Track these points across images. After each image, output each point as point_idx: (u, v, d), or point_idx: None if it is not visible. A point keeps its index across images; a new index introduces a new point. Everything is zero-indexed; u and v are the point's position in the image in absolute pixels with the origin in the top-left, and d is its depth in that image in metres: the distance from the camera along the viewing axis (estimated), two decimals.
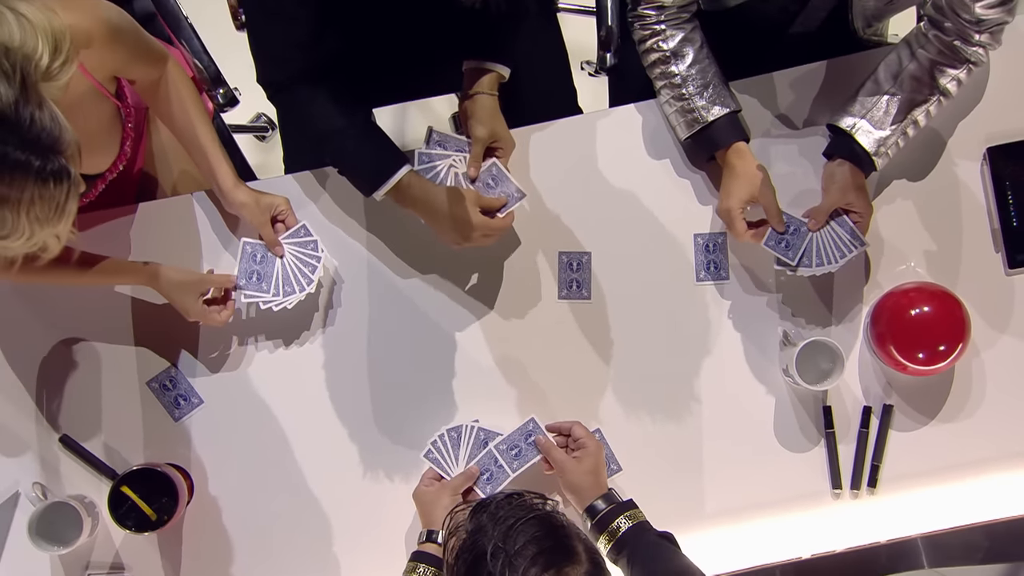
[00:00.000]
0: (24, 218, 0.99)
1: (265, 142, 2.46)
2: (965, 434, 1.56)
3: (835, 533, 1.55)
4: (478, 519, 1.08)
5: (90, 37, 1.21)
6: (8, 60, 0.98)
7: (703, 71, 1.50)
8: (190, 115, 1.46)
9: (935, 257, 1.58)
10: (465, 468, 1.46)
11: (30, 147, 0.97)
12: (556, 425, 1.49)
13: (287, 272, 1.49)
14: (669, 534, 1.38)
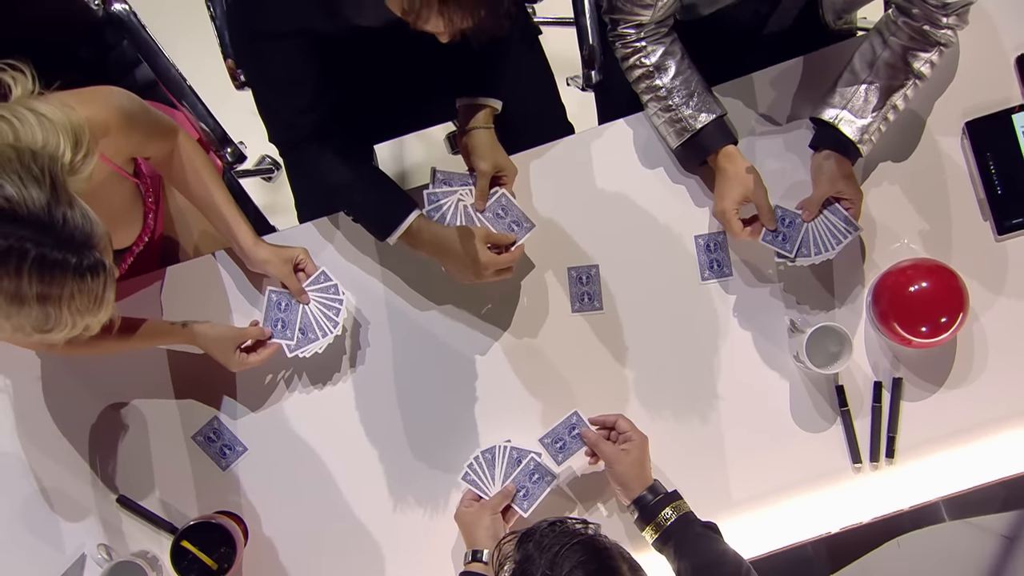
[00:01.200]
0: (66, 312, 1.05)
1: (272, 182, 2.52)
2: (973, 397, 1.62)
3: (860, 505, 1.62)
4: (525, 548, 1.12)
5: (107, 127, 1.28)
6: (36, 164, 1.04)
7: (687, 81, 1.57)
8: (205, 182, 1.53)
9: (927, 232, 1.65)
10: (502, 487, 1.52)
11: (65, 246, 1.03)
12: (600, 419, 1.55)
13: (313, 318, 1.56)
14: (712, 524, 1.46)
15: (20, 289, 1.01)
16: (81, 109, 1.20)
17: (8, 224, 1.00)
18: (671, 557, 1.42)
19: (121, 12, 1.66)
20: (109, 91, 1.34)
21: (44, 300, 1.03)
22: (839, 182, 1.56)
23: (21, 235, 1.00)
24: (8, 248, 0.99)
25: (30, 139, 1.08)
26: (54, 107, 1.13)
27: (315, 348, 1.55)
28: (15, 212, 1.00)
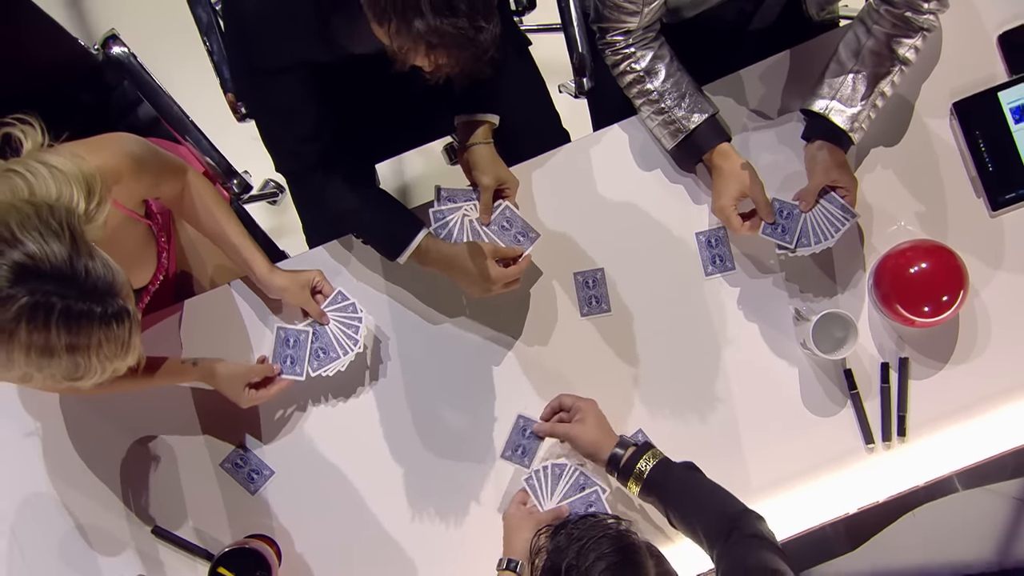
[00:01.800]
0: (95, 359, 1.09)
1: (277, 205, 2.56)
2: (979, 372, 1.66)
3: (875, 485, 1.66)
4: (557, 540, 1.16)
5: (118, 174, 1.31)
6: (54, 218, 1.07)
7: (677, 83, 1.60)
8: (216, 217, 1.57)
9: (922, 213, 1.68)
10: (557, 505, 1.54)
11: (90, 296, 1.06)
12: (546, 411, 1.60)
13: (333, 337, 1.60)
14: (691, 463, 1.50)
15: (49, 342, 1.04)
16: (92, 158, 1.23)
17: (33, 280, 1.03)
18: (658, 506, 1.46)
19: (120, 55, 1.69)
20: (118, 138, 1.37)
21: (73, 350, 1.06)
22: (833, 171, 1.59)
23: (46, 290, 1.03)
24: (35, 303, 1.03)
25: (45, 192, 1.11)
26: (65, 158, 1.16)
27: (337, 366, 1.58)
28: (39, 268, 1.04)
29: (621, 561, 1.10)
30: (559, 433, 1.55)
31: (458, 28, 1.18)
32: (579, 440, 1.53)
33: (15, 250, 1.03)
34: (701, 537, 1.37)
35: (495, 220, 1.61)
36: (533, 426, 1.59)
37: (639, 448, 1.49)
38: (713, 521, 1.35)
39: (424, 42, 1.19)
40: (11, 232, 1.04)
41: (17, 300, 1.02)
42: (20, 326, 1.03)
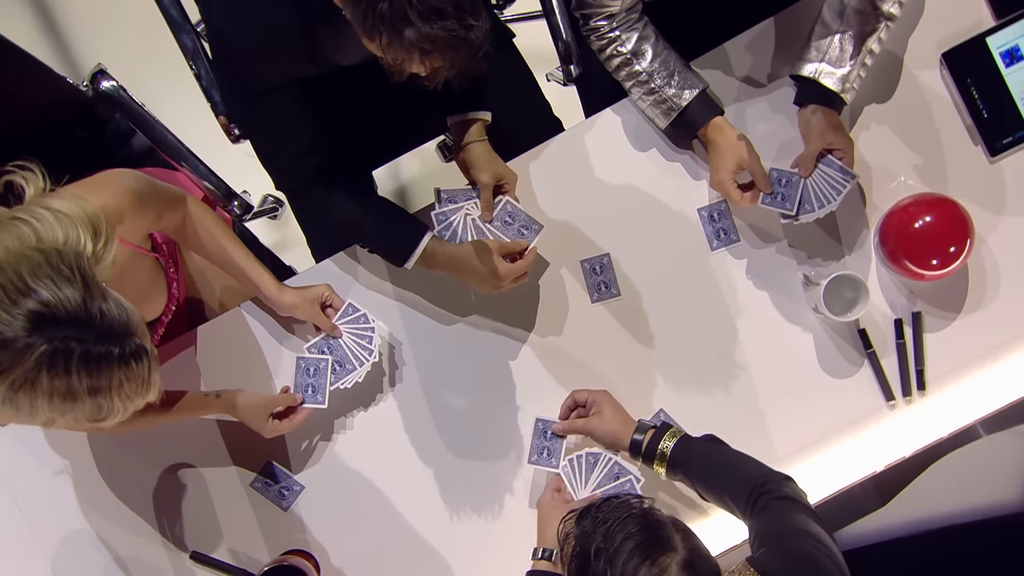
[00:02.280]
0: (116, 400, 1.09)
1: (278, 219, 2.56)
2: (993, 319, 1.67)
3: (900, 440, 1.67)
4: (583, 525, 1.17)
5: (121, 212, 1.31)
6: (64, 263, 1.08)
7: (665, 62, 1.60)
8: (220, 242, 1.58)
9: (921, 166, 1.68)
10: (591, 494, 1.55)
11: (107, 338, 1.07)
12: (562, 411, 1.60)
13: (348, 350, 1.61)
14: (711, 436, 1.51)
15: (71, 386, 1.05)
16: (94, 199, 1.23)
17: (50, 327, 1.04)
18: (686, 482, 1.48)
19: (110, 89, 1.69)
20: (117, 175, 1.38)
21: (95, 393, 1.07)
22: (828, 134, 1.59)
23: (64, 335, 1.04)
24: (55, 350, 1.04)
25: (52, 238, 1.11)
26: (68, 202, 1.16)
27: (355, 378, 1.60)
28: (54, 315, 1.04)
29: (648, 539, 1.11)
30: (577, 429, 1.56)
31: (448, 30, 1.18)
32: (598, 432, 1.54)
33: (29, 299, 1.04)
34: (732, 506, 1.39)
35: (497, 216, 1.62)
36: (552, 427, 1.60)
37: (658, 430, 1.50)
38: (740, 489, 1.37)
39: (418, 50, 1.20)
40: (24, 281, 1.04)
41: (36, 348, 1.03)
42: (42, 374, 1.04)
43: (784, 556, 1.21)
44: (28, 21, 2.61)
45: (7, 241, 1.09)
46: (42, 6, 2.62)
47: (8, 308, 1.03)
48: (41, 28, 2.61)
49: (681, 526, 1.16)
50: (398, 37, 1.19)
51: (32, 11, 2.62)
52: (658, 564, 1.08)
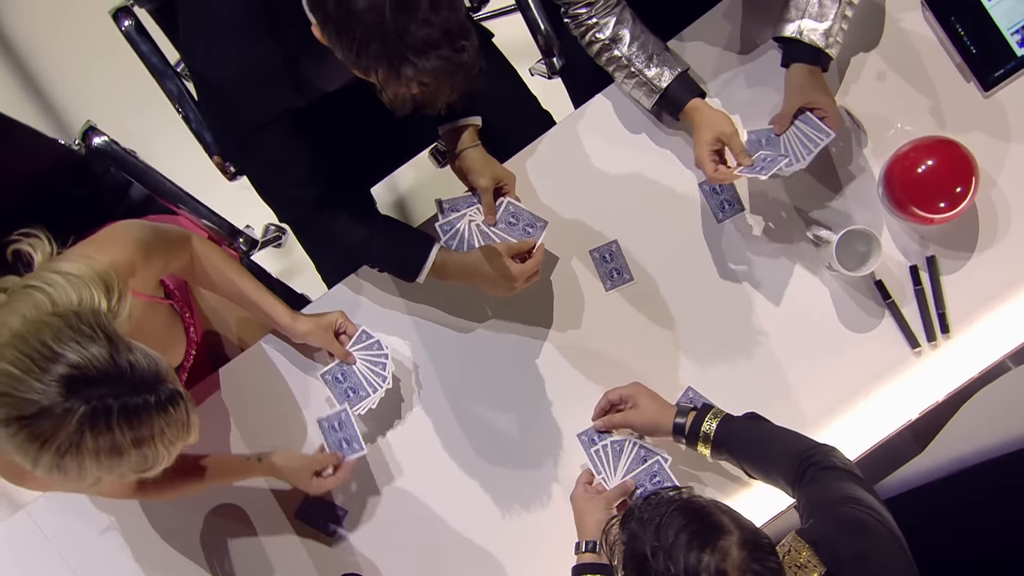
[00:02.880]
0: (160, 447, 1.11)
1: (283, 246, 2.57)
2: (1008, 253, 1.67)
3: (930, 386, 1.67)
4: (629, 528, 1.16)
5: (131, 264, 1.32)
6: (84, 323, 1.09)
7: (643, 45, 1.60)
8: (229, 277, 1.58)
9: (917, 111, 1.68)
10: (622, 481, 1.56)
11: (141, 389, 1.09)
12: (596, 413, 1.60)
13: (362, 376, 1.62)
14: (752, 413, 1.52)
15: (115, 441, 1.07)
16: (102, 256, 1.25)
17: (84, 388, 1.05)
18: (732, 461, 1.49)
19: (102, 144, 1.70)
20: (120, 229, 1.39)
21: (139, 443, 1.09)
22: (808, 92, 1.58)
23: (100, 394, 1.05)
24: (93, 410, 1.05)
25: (66, 301, 1.12)
26: (77, 263, 1.18)
27: (368, 404, 1.60)
28: (86, 375, 1.06)
29: (701, 528, 1.10)
30: (617, 422, 1.57)
31: (443, 58, 1.18)
32: (638, 422, 1.54)
33: (58, 364, 1.05)
34: (779, 482, 1.39)
35: (501, 218, 1.62)
36: (592, 426, 1.60)
37: (699, 411, 1.50)
38: (785, 464, 1.37)
39: (416, 83, 1.20)
40: (49, 348, 1.05)
41: (76, 411, 1.04)
42: (85, 435, 1.05)
43: (833, 524, 1.21)
44: (9, 86, 2.61)
45: (24, 310, 1.10)
46: (21, 69, 2.63)
47: (39, 376, 1.04)
48: (23, 91, 2.61)
49: (723, 507, 1.16)
50: (396, 75, 1.19)
51: (11, 76, 2.62)
52: (719, 549, 1.08)
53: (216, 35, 1.38)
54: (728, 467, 1.57)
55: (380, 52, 1.18)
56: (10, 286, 1.14)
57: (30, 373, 1.04)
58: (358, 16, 1.16)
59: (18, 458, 1.08)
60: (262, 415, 1.67)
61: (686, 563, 1.07)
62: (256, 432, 1.67)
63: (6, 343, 1.06)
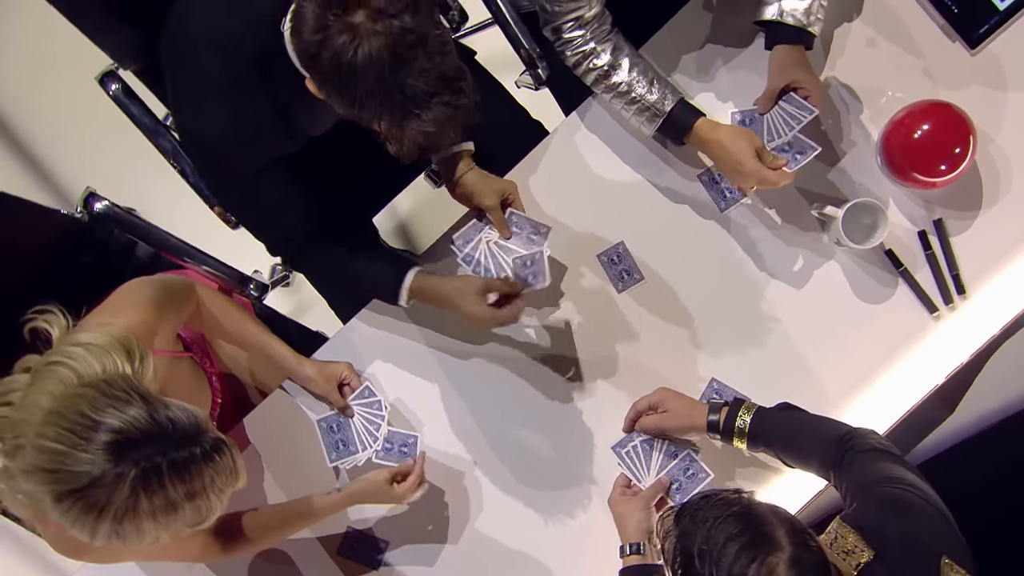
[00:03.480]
0: (213, 496, 1.12)
1: (291, 284, 2.58)
2: (1014, 208, 1.66)
3: (953, 348, 1.67)
4: (682, 523, 1.15)
5: (148, 324, 1.33)
6: (116, 388, 1.10)
7: (643, 70, 1.59)
8: (235, 321, 1.60)
9: (906, 76, 1.68)
10: (656, 478, 1.56)
11: (185, 442, 1.10)
12: (628, 424, 1.59)
13: (356, 432, 1.63)
14: (785, 404, 1.51)
15: (170, 498, 1.08)
16: (117, 321, 1.26)
17: (131, 451, 1.06)
18: (769, 453, 1.48)
19: (104, 209, 1.71)
20: (130, 290, 1.40)
21: (192, 496, 1.10)
22: (791, 70, 1.58)
23: (147, 454, 1.06)
24: (144, 471, 1.06)
25: (91, 372, 1.13)
26: (95, 332, 1.18)
27: (354, 461, 1.61)
28: (130, 438, 1.06)
29: (752, 539, 1.07)
30: (649, 427, 1.56)
31: (444, 103, 1.19)
32: (671, 426, 1.54)
33: (101, 432, 1.06)
34: (818, 470, 1.38)
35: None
36: (624, 437, 1.60)
37: (731, 406, 1.49)
38: (823, 451, 1.36)
39: (421, 133, 1.22)
40: (88, 418, 1.06)
41: (127, 475, 1.05)
42: (140, 497, 1.06)
43: (877, 506, 1.20)
44: (5, 162, 2.63)
45: (52, 388, 1.11)
46: (13, 144, 2.65)
47: (85, 448, 1.05)
48: (19, 165, 2.63)
49: (783, 515, 1.12)
50: (399, 127, 1.21)
51: (5, 151, 2.64)
52: (766, 565, 1.05)
53: (205, 93, 1.39)
54: (764, 457, 1.57)
55: (383, 108, 1.19)
56: (33, 365, 1.15)
57: (75, 446, 1.05)
58: (358, 75, 1.17)
59: (76, 531, 1.08)
60: (295, 457, 1.67)
61: (730, 572, 1.06)
62: (288, 475, 1.68)
63: (44, 422, 1.07)
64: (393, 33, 1.16)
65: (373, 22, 1.16)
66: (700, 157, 1.69)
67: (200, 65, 1.38)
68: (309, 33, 1.18)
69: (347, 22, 1.16)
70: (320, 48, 1.18)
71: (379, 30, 1.15)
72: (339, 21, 1.16)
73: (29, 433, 1.07)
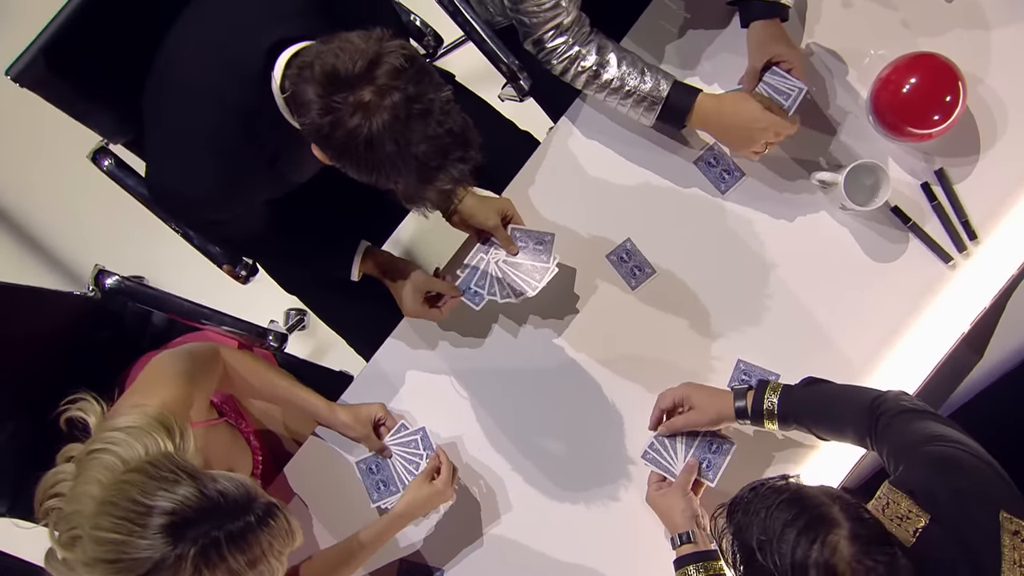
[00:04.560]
0: (272, 560, 1.13)
1: (307, 327, 2.59)
2: (1013, 147, 1.67)
3: (974, 293, 1.66)
4: (735, 519, 1.14)
5: (181, 399, 1.33)
6: (162, 469, 1.11)
7: (632, 62, 1.60)
8: (262, 377, 1.61)
9: (885, 34, 1.68)
10: (685, 464, 1.57)
11: (238, 513, 1.10)
12: (654, 421, 1.60)
13: (395, 471, 1.64)
14: (809, 378, 1.50)
15: (232, 569, 1.09)
16: (152, 400, 1.26)
17: (188, 529, 1.07)
18: (802, 430, 1.47)
19: (115, 285, 1.72)
20: (158, 367, 1.40)
21: (253, 564, 1.10)
22: (770, 45, 1.59)
23: (204, 531, 1.07)
24: (203, 548, 1.07)
25: (134, 455, 1.13)
26: (131, 415, 1.19)
27: (396, 500, 1.60)
28: (184, 517, 1.07)
29: (809, 522, 1.07)
30: (678, 426, 1.56)
31: (459, 159, 1.22)
32: (702, 421, 1.54)
33: (154, 516, 1.06)
34: (854, 439, 1.38)
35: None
36: (661, 439, 1.59)
37: (756, 389, 1.49)
38: (856, 419, 1.36)
39: (437, 191, 1.25)
40: (141, 503, 1.07)
41: (188, 555, 1.06)
42: (203, 573, 1.07)
43: (924, 467, 1.19)
44: (10, 253, 2.64)
45: (98, 475, 1.12)
46: (15, 230, 2.67)
47: (142, 534, 1.06)
48: (24, 254, 2.64)
49: (833, 492, 1.12)
50: (416, 189, 1.24)
51: (9, 243, 2.66)
52: (828, 544, 1.05)
53: (191, 151, 1.40)
54: (797, 435, 1.57)
55: (400, 175, 1.21)
56: (76, 454, 1.16)
57: (132, 534, 1.06)
58: (375, 149, 1.18)
59: None
60: (337, 501, 1.67)
61: (793, 558, 1.05)
62: (336, 518, 1.68)
63: (97, 512, 1.08)
64: (401, 106, 1.17)
65: (381, 98, 1.17)
66: (693, 141, 1.70)
67: (186, 123, 1.39)
68: (318, 116, 1.19)
69: (356, 101, 1.17)
70: (333, 129, 1.19)
71: (387, 105, 1.17)
72: (347, 103, 1.18)
73: (84, 524, 1.08)
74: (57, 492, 1.15)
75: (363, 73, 1.17)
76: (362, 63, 1.17)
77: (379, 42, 1.18)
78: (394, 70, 1.17)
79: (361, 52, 1.17)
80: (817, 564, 1.05)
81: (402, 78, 1.17)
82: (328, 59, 1.18)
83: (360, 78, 1.17)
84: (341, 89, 1.17)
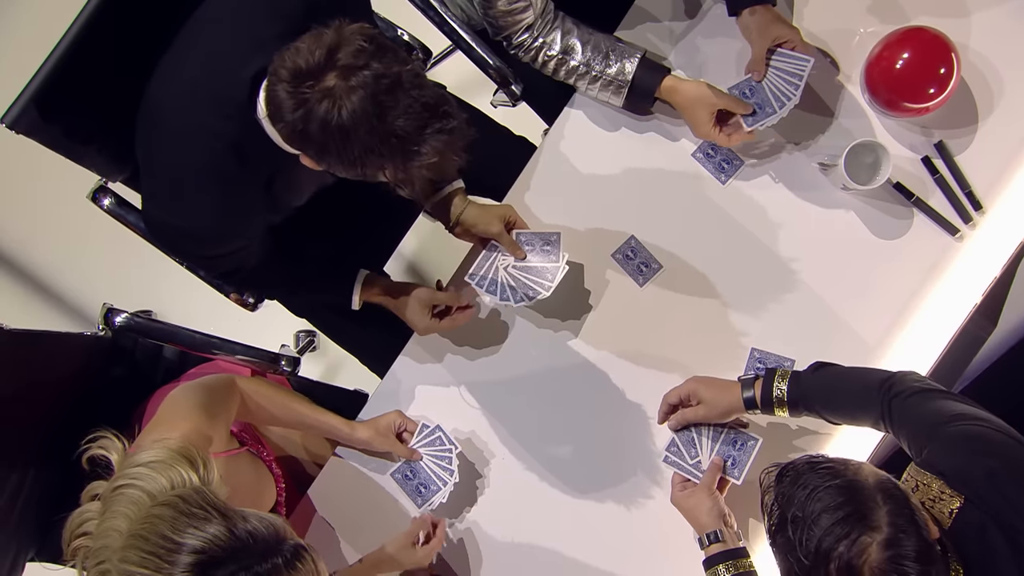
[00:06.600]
0: None
1: (317, 348, 2.59)
2: (1011, 113, 1.65)
3: (983, 264, 1.65)
4: (782, 485, 1.11)
5: (202, 431, 1.33)
6: (192, 505, 1.09)
7: (595, 46, 1.60)
8: (279, 404, 1.60)
9: (873, 10, 1.67)
10: (710, 462, 1.55)
11: (267, 554, 1.08)
12: (662, 416, 1.59)
13: (430, 471, 1.63)
14: (817, 363, 1.48)
15: None
16: (173, 434, 1.26)
17: (216, 569, 1.05)
18: (813, 416, 1.46)
19: (124, 322, 1.72)
20: (175, 401, 1.39)
21: None
22: (769, 29, 1.59)
23: (232, 571, 1.06)
24: None
25: (159, 488, 1.13)
26: (154, 450, 1.18)
27: (439, 499, 1.60)
28: (213, 557, 1.06)
29: (848, 515, 1.04)
30: (689, 420, 1.55)
31: (437, 130, 1.20)
32: (711, 414, 1.52)
33: (183, 554, 1.05)
34: (866, 421, 1.37)
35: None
36: (671, 426, 1.59)
37: (764, 378, 1.47)
38: (867, 402, 1.34)
39: (426, 167, 1.23)
40: (170, 540, 1.06)
41: None
42: None
43: (951, 449, 1.17)
44: (18, 299, 2.65)
45: (125, 510, 1.11)
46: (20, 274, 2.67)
47: (170, 571, 1.05)
48: (32, 298, 2.65)
49: (891, 490, 1.07)
50: (404, 170, 1.22)
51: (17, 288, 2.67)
52: (858, 544, 1.02)
53: (188, 186, 1.40)
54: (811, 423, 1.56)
55: (383, 157, 1.20)
56: (101, 492, 1.16)
57: (160, 570, 1.05)
58: (350, 134, 1.18)
59: None
60: (363, 519, 1.67)
61: (819, 545, 1.04)
62: (363, 538, 1.67)
63: (125, 546, 1.07)
64: (369, 83, 1.17)
65: (346, 80, 1.17)
66: (689, 133, 1.68)
67: (178, 161, 1.39)
68: (290, 113, 1.19)
69: (322, 88, 1.17)
70: (306, 122, 1.19)
71: (354, 85, 1.17)
72: (314, 91, 1.18)
73: (112, 558, 1.07)
74: (84, 531, 1.14)
75: (325, 60, 1.17)
76: (321, 52, 1.17)
77: (337, 31, 1.19)
78: (355, 51, 1.17)
79: (320, 42, 1.18)
80: (840, 558, 1.03)
81: (363, 57, 1.17)
82: (290, 57, 1.19)
83: (323, 66, 1.17)
84: (306, 80, 1.17)
